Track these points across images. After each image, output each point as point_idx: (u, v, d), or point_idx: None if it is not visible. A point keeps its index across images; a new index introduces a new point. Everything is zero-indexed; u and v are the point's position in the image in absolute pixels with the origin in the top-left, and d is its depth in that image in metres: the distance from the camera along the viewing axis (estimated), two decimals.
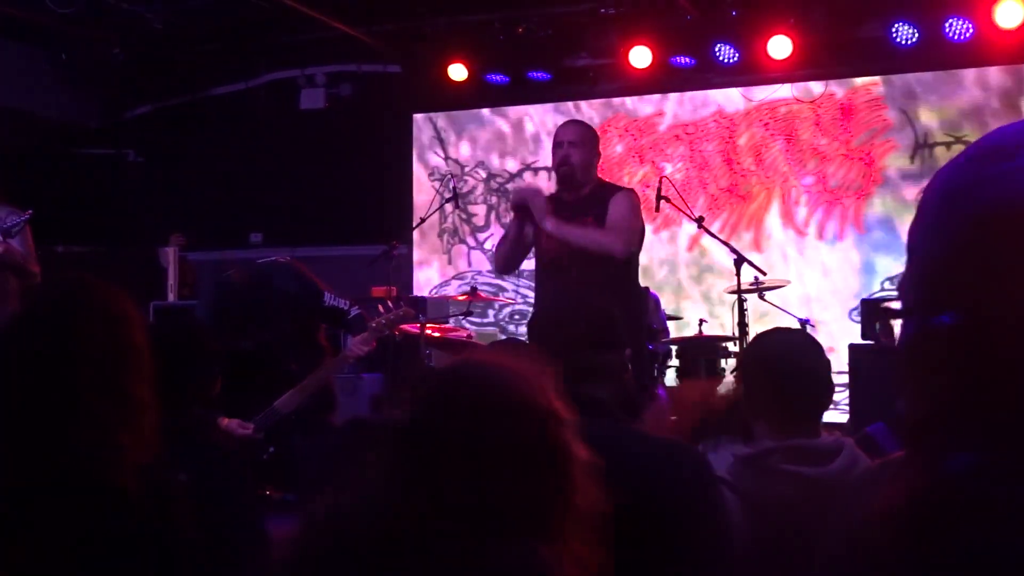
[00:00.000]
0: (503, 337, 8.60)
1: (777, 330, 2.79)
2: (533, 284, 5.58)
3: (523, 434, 1.48)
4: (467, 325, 8.11)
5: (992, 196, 0.81)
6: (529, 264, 9.11)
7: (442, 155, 9.62)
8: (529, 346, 2.72)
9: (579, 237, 4.67)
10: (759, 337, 2.69)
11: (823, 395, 2.54)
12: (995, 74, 7.83)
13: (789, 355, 2.53)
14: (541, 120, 9.28)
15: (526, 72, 8.81)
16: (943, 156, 7.99)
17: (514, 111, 9.38)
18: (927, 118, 8.07)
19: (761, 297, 6.81)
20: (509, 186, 9.34)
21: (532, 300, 6.08)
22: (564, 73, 8.91)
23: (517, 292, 8.89)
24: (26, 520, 1.87)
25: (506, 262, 5.11)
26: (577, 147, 4.85)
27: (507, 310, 9.12)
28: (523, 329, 8.30)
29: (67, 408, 1.92)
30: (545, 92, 9.05)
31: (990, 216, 0.80)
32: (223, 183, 9.99)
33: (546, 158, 9.17)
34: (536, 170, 9.28)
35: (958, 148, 7.90)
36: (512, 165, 9.39)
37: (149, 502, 1.93)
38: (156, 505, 1.94)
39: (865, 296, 6.95)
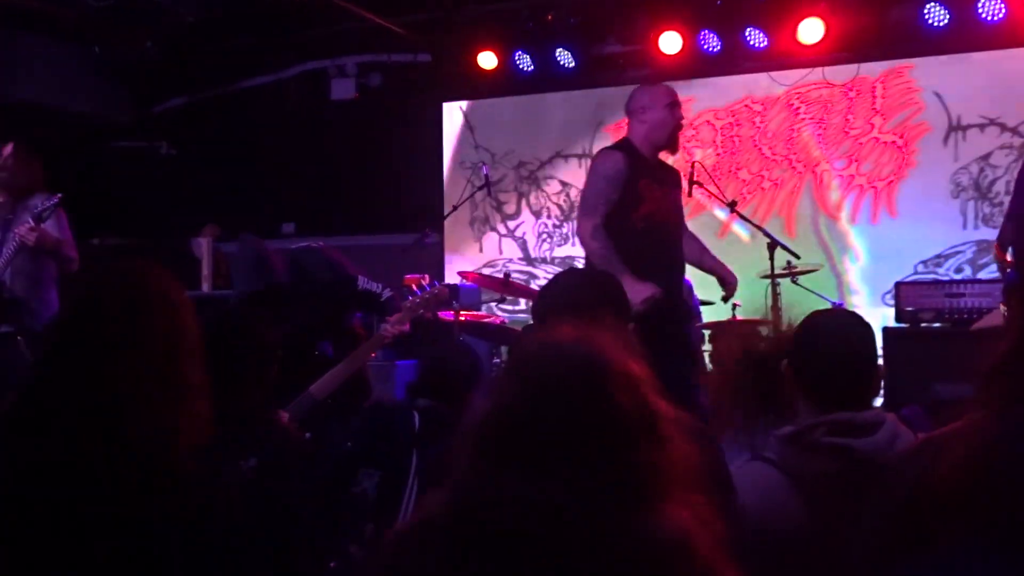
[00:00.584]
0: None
1: (830, 311, 2.79)
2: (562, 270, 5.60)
3: (618, 403, 1.50)
4: (499, 312, 8.13)
5: None
6: (560, 251, 9.14)
7: (472, 143, 9.63)
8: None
9: None
10: (812, 316, 2.68)
11: (873, 375, 2.55)
12: None
13: (841, 334, 2.53)
14: (570, 107, 9.26)
15: (555, 59, 8.80)
16: (976, 138, 7.92)
17: (544, 98, 9.36)
18: (960, 100, 8.00)
19: (794, 281, 6.78)
20: (539, 173, 9.35)
21: None
22: (593, 60, 8.89)
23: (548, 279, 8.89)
24: (84, 501, 1.90)
25: None
26: None
27: None
28: None
29: (126, 391, 1.96)
30: (574, 79, 9.03)
31: None
32: (255, 174, 10.06)
33: (574, 145, 9.18)
34: (567, 157, 9.27)
35: (992, 130, 7.87)
36: (543, 153, 9.39)
37: (206, 484, 1.96)
38: (213, 487, 1.98)
39: (899, 279, 6.90)
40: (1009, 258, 5.25)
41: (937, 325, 6.09)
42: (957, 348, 5.39)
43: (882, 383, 2.69)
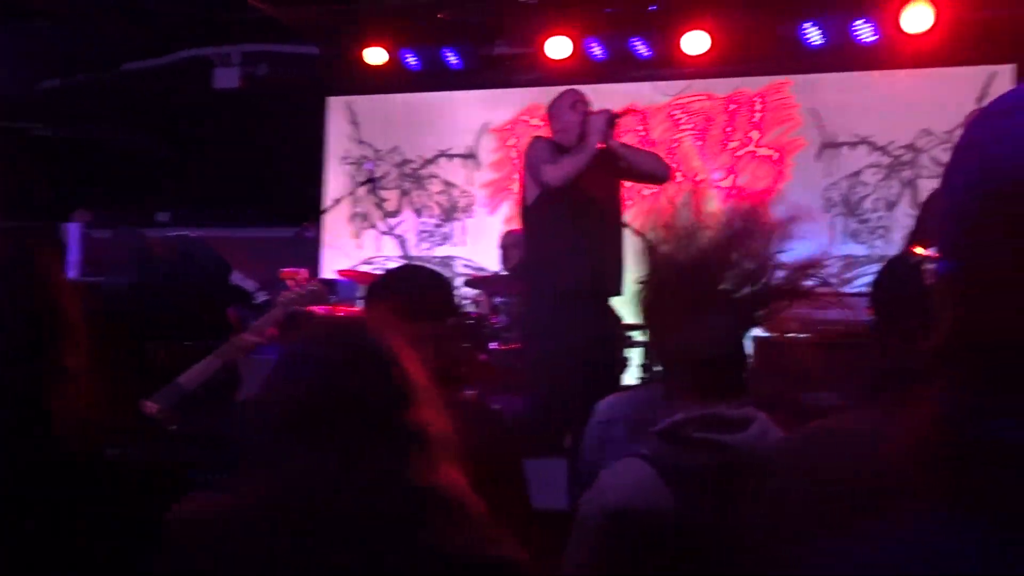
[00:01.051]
0: None
1: None
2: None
3: (383, 379, 1.62)
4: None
5: (989, 153, 0.87)
6: (440, 250, 9.14)
7: (356, 138, 9.57)
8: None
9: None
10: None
11: (743, 368, 2.60)
12: (902, 77, 8.01)
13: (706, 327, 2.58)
14: (457, 107, 9.27)
15: (444, 59, 8.80)
16: (848, 155, 8.17)
17: (431, 97, 9.36)
18: (834, 118, 8.25)
19: None
20: (422, 172, 9.33)
21: None
22: (483, 61, 8.92)
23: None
24: None
25: None
26: None
27: None
28: None
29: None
30: (462, 79, 9.04)
31: (986, 172, 0.86)
32: (131, 160, 9.82)
33: (461, 144, 9.20)
34: (451, 156, 9.28)
35: (863, 148, 8.12)
36: (427, 151, 9.38)
37: (78, 469, 1.94)
38: (86, 471, 1.95)
39: None
40: (931, 253, 5.42)
41: (802, 336, 6.25)
42: (820, 359, 5.54)
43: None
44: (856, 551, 0.80)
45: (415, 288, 2.91)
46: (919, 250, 5.53)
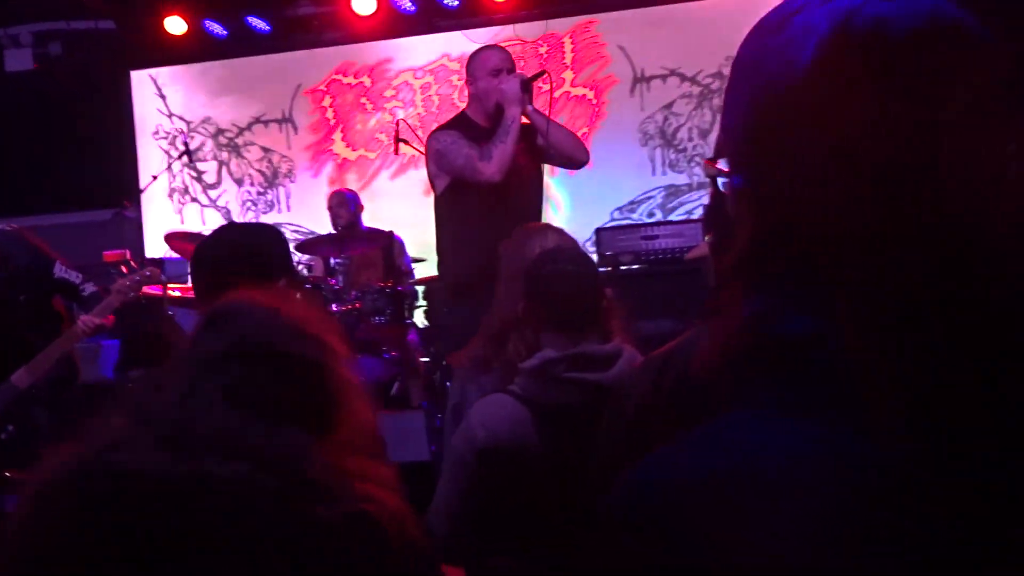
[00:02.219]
0: None
1: (555, 250, 2.88)
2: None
3: (308, 366, 1.50)
4: None
5: (760, 70, 0.90)
6: (266, 218, 8.98)
7: (166, 112, 9.28)
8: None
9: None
10: (541, 256, 2.78)
11: (598, 302, 2.68)
12: (702, 7, 8.22)
13: (570, 270, 2.65)
14: (267, 71, 9.08)
15: (248, 22, 8.59)
16: (660, 88, 8.37)
17: (239, 63, 9.14)
18: (642, 53, 8.42)
19: None
20: (239, 140, 9.13)
21: None
22: (287, 22, 8.75)
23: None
24: None
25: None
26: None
27: None
28: None
29: None
30: (268, 43, 8.86)
31: (757, 89, 0.90)
32: None
33: (274, 110, 9.03)
34: (267, 122, 9.10)
35: (673, 80, 8.34)
36: (241, 119, 9.17)
37: None
38: None
39: (598, 226, 7.22)
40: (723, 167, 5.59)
41: (636, 267, 6.42)
42: (657, 287, 5.72)
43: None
44: (676, 457, 0.84)
45: (248, 247, 2.73)
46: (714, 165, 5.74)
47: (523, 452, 2.54)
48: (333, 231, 7.13)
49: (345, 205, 7.23)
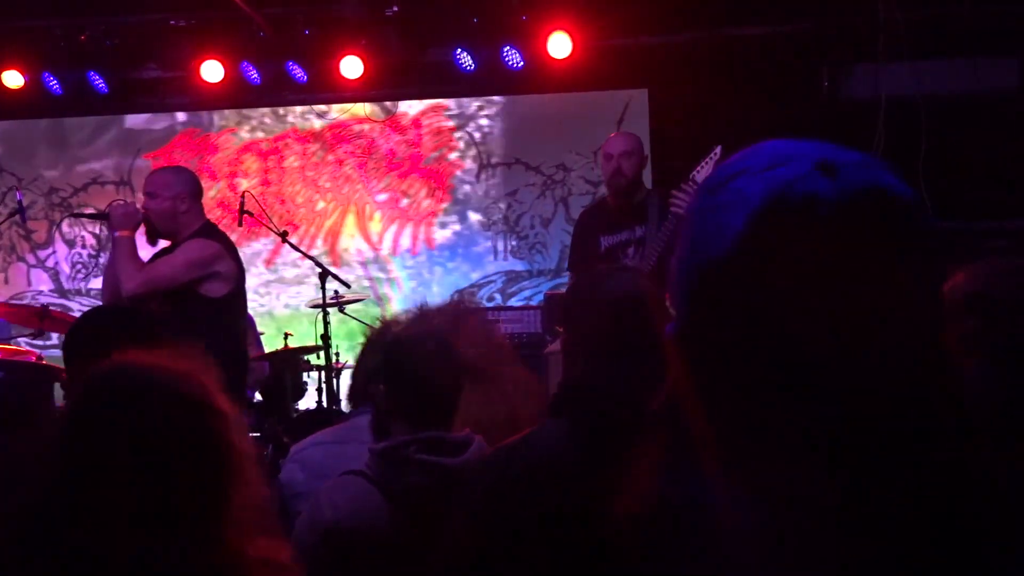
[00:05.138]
0: None
1: (415, 334, 2.90)
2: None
3: (182, 427, 1.48)
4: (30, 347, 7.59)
5: (695, 229, 0.92)
6: (97, 283, 8.71)
7: None
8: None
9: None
10: (398, 340, 2.80)
11: (458, 397, 2.72)
12: (549, 100, 8.46)
13: (427, 359, 2.67)
14: (106, 133, 8.88)
15: (90, 82, 8.39)
16: (505, 175, 8.54)
17: (79, 122, 8.91)
18: (490, 140, 8.59)
19: (341, 310, 6.95)
20: (73, 200, 8.87)
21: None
22: (132, 84, 8.58)
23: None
24: None
25: None
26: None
27: None
28: None
29: None
30: (109, 104, 8.66)
31: (694, 247, 0.92)
32: None
33: (111, 172, 8.83)
34: (103, 184, 8.87)
35: (517, 168, 8.52)
36: (77, 179, 8.91)
37: None
38: None
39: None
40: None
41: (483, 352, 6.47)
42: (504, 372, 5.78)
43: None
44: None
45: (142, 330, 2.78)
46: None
47: (371, 534, 2.55)
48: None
49: None
